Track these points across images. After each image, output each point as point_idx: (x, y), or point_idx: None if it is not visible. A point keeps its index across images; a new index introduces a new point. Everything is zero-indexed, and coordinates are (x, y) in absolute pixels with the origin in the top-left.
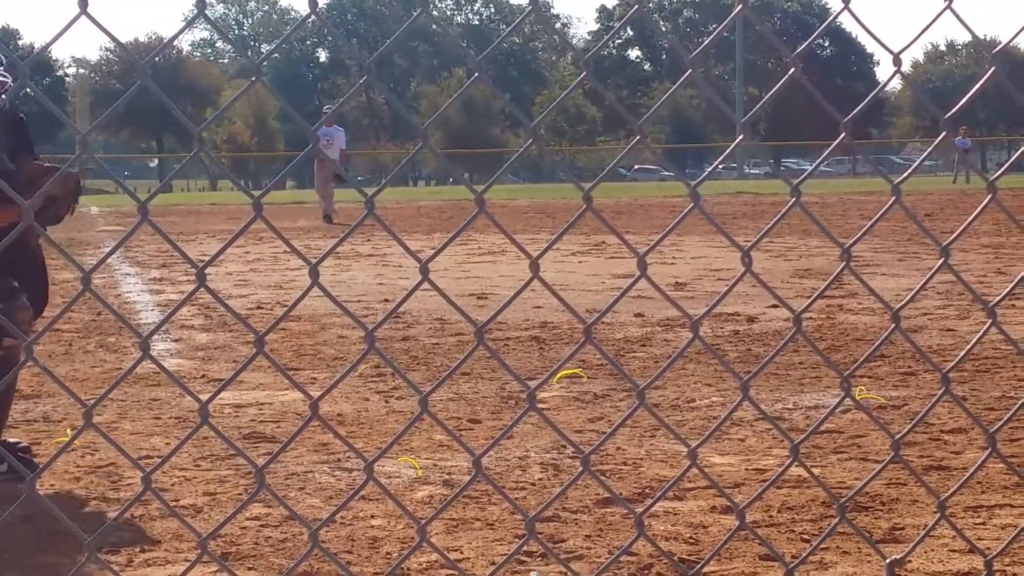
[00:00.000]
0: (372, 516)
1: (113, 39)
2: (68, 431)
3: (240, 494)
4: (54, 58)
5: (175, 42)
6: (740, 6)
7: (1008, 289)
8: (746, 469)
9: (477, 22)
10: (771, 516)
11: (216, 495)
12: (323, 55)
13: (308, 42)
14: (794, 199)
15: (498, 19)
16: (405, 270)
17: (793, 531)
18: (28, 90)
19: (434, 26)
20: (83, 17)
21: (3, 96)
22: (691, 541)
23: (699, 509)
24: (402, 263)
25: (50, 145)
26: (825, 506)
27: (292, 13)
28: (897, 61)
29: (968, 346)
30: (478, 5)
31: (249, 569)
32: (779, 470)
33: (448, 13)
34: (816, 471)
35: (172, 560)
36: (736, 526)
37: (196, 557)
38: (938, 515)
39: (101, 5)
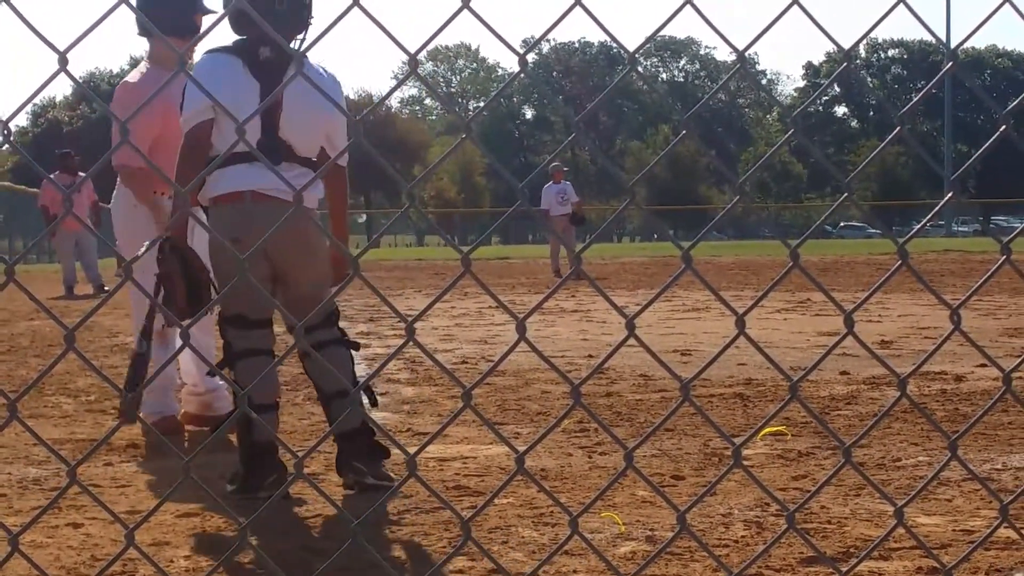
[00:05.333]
0: (575, 571)
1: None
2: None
3: (444, 547)
4: None
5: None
6: (950, 63)
7: None
8: (953, 530)
9: (682, 79)
10: None
11: (420, 547)
12: (529, 112)
13: (515, 99)
14: (1004, 257)
15: (703, 75)
16: (609, 326)
17: None
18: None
19: (641, 83)
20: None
21: None
22: None
23: (904, 570)
24: (606, 319)
25: None
26: None
27: (500, 70)
28: None
29: None
30: (683, 62)
31: None
32: (987, 531)
33: (653, 70)
34: None
35: None
36: None
37: None
38: None
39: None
